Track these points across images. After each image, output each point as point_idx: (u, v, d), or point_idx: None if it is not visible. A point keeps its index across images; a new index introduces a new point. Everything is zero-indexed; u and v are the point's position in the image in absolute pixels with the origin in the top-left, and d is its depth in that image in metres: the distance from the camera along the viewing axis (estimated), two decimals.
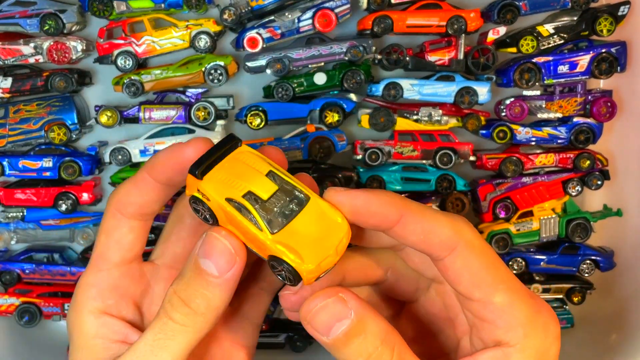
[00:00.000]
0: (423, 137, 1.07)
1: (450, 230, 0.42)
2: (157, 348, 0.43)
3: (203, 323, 0.44)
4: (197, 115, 1.04)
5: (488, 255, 0.43)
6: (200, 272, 0.43)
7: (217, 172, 0.43)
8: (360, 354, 0.41)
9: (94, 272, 0.49)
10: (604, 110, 1.05)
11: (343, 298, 0.42)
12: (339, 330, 0.41)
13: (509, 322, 0.42)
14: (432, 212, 0.43)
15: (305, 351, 1.06)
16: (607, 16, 1.01)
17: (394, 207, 0.42)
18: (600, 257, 1.07)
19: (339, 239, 0.42)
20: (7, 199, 1.05)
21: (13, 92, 1.03)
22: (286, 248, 0.41)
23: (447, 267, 0.43)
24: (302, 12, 1.01)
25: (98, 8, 1.00)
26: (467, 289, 0.43)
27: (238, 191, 0.42)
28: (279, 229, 0.42)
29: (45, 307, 1.07)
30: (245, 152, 0.44)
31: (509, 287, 0.43)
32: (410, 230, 0.42)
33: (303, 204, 0.43)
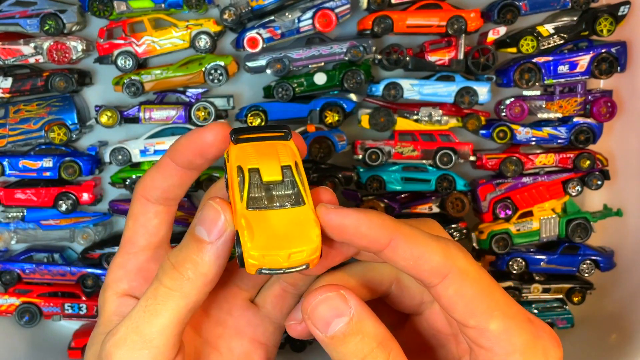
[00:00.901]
0: (423, 137, 1.07)
1: (441, 257, 0.41)
2: (149, 314, 0.44)
3: (190, 288, 0.44)
4: (197, 115, 1.04)
5: (482, 281, 0.42)
6: (193, 238, 0.44)
7: (249, 145, 0.44)
8: (356, 355, 0.41)
9: (122, 254, 0.51)
10: (604, 110, 1.05)
11: (344, 295, 0.41)
12: (337, 326, 0.41)
13: (505, 349, 0.41)
14: (424, 237, 0.42)
15: (305, 351, 1.06)
16: (607, 16, 1.01)
17: (384, 230, 0.41)
18: (600, 257, 1.07)
19: (300, 250, 0.41)
20: (7, 199, 1.05)
21: (13, 92, 1.03)
22: (247, 225, 0.41)
23: (439, 294, 0.42)
24: (302, 12, 1.01)
25: (98, 8, 1.00)
26: (462, 316, 0.42)
27: (249, 164, 0.43)
28: (254, 208, 0.42)
29: (45, 307, 1.07)
30: (285, 143, 0.45)
31: (505, 314, 0.42)
32: (400, 256, 0.41)
33: (293, 205, 0.43)
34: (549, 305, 1.09)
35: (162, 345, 0.44)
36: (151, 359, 0.44)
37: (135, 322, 0.44)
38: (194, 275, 0.44)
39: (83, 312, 1.07)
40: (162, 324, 0.44)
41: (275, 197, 0.43)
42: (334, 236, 0.43)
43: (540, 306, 1.08)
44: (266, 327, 0.55)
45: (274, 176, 0.43)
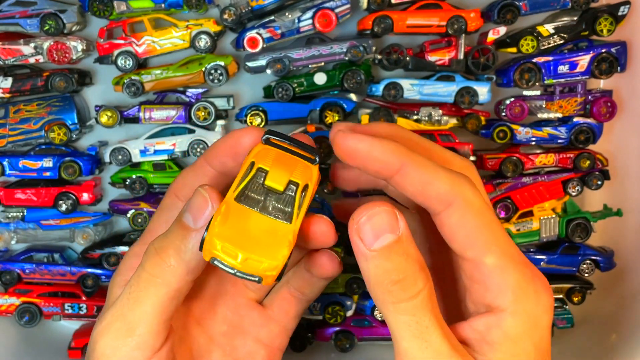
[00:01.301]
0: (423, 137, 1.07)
1: (448, 185, 0.42)
2: (132, 301, 0.44)
3: (172, 275, 0.43)
4: (197, 115, 1.04)
5: (485, 215, 0.43)
6: (180, 224, 0.44)
7: (274, 150, 0.44)
8: (398, 272, 0.40)
9: (140, 244, 0.51)
10: (604, 110, 1.05)
11: (395, 213, 0.41)
12: (385, 241, 0.41)
13: (498, 284, 0.42)
14: (434, 166, 0.43)
15: (305, 351, 1.06)
16: (607, 16, 1.01)
17: (396, 155, 0.42)
18: (601, 257, 1.07)
19: (258, 260, 0.40)
20: (7, 199, 1.05)
21: (13, 92, 1.03)
22: (224, 212, 0.41)
23: (442, 222, 0.43)
24: (302, 12, 1.01)
25: (98, 8, 1.00)
26: (461, 247, 0.43)
27: (262, 164, 0.43)
28: (242, 202, 0.42)
29: (45, 307, 1.07)
30: (308, 165, 0.45)
31: (503, 251, 0.42)
32: (409, 181, 0.42)
33: (279, 218, 0.42)
34: None
35: (145, 333, 0.44)
36: (135, 347, 0.44)
37: (120, 310, 0.44)
38: (176, 262, 0.43)
39: (83, 312, 1.07)
40: (144, 311, 0.44)
41: (269, 204, 0.42)
42: (348, 161, 0.43)
43: None
44: (271, 328, 0.54)
45: (277, 184, 0.43)
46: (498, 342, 0.42)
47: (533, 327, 0.42)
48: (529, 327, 0.42)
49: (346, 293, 1.05)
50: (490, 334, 0.42)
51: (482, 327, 0.43)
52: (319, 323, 1.07)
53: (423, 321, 0.41)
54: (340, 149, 0.44)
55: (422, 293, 0.41)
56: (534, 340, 0.42)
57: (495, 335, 0.42)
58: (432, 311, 0.41)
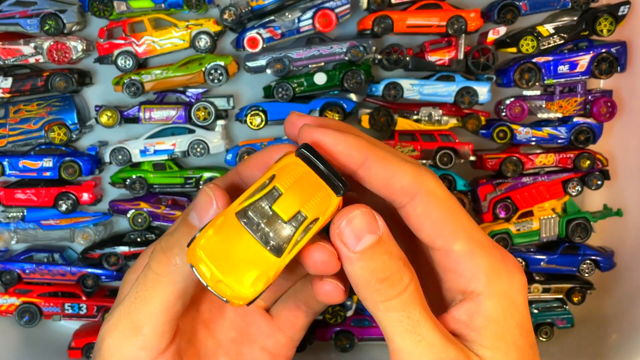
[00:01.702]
0: (423, 137, 1.07)
1: (411, 178, 0.43)
2: (139, 300, 0.44)
3: (178, 274, 0.44)
4: (197, 115, 1.04)
5: (449, 204, 0.44)
6: (185, 223, 0.44)
7: (303, 167, 0.43)
8: (383, 270, 0.41)
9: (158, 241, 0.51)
10: (604, 110, 1.05)
11: (373, 213, 0.42)
12: (367, 242, 0.41)
13: (470, 269, 0.43)
14: (396, 159, 0.43)
15: (305, 351, 1.06)
16: (607, 16, 1.01)
17: (359, 150, 0.43)
18: (600, 257, 1.07)
19: (228, 286, 0.40)
20: (7, 199, 1.05)
21: (13, 92, 1.03)
22: (219, 226, 0.40)
23: (408, 214, 0.43)
24: (302, 12, 1.01)
25: (98, 8, 1.00)
26: (429, 237, 0.43)
27: (281, 182, 0.42)
28: (239, 220, 0.41)
29: (45, 307, 1.07)
30: (331, 195, 0.43)
31: (470, 236, 0.43)
32: (373, 175, 0.43)
33: (270, 249, 0.41)
34: (549, 305, 1.09)
35: (151, 333, 0.44)
36: (141, 346, 0.44)
37: (127, 309, 0.44)
38: (182, 261, 0.43)
39: (83, 312, 1.07)
40: (150, 311, 0.44)
41: (267, 230, 0.41)
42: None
43: (540, 306, 1.08)
44: (278, 338, 0.54)
45: (283, 212, 0.41)
46: (483, 327, 0.42)
47: (511, 306, 0.43)
48: (506, 306, 0.43)
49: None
50: (474, 320, 0.43)
51: (464, 315, 0.43)
52: (319, 323, 1.07)
53: (414, 315, 0.41)
54: (308, 140, 0.44)
55: (409, 288, 0.41)
56: (516, 319, 0.43)
57: (479, 321, 0.42)
58: (421, 304, 0.42)
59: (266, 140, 1.04)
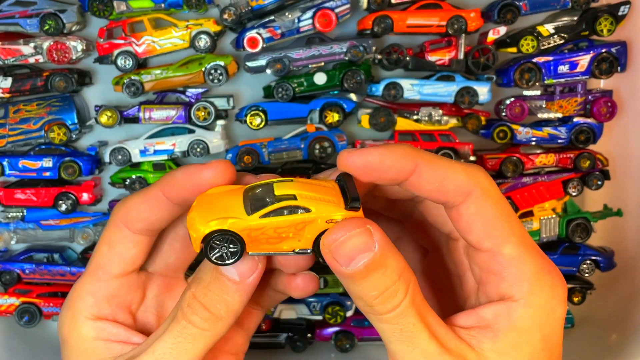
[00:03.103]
0: (423, 137, 1.07)
1: (465, 176, 0.42)
2: (177, 351, 0.44)
3: (222, 326, 0.44)
4: (197, 115, 1.04)
5: (503, 204, 0.43)
6: (221, 277, 0.43)
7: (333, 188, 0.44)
8: (377, 288, 0.41)
9: (92, 281, 0.48)
10: (604, 110, 1.05)
11: (370, 230, 0.41)
12: (360, 262, 0.40)
13: (515, 275, 0.41)
14: (447, 160, 0.43)
15: (305, 351, 1.06)
16: (607, 16, 1.01)
17: (408, 158, 0.42)
18: (601, 257, 1.06)
19: (197, 225, 0.42)
20: (7, 199, 1.05)
21: (13, 92, 1.02)
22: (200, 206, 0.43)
23: (460, 213, 0.42)
24: (302, 12, 1.01)
25: (98, 8, 1.00)
26: (478, 237, 0.42)
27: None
28: (244, 193, 0.43)
29: (45, 307, 1.07)
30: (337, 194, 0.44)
31: (520, 241, 0.42)
32: (425, 179, 0.42)
33: (248, 207, 0.43)
34: None
35: None
36: None
37: (162, 357, 0.44)
38: (226, 314, 0.44)
39: None
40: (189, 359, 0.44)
41: (255, 197, 0.43)
42: (362, 176, 0.43)
43: None
44: (236, 340, 0.54)
45: (279, 189, 0.42)
46: (503, 331, 0.42)
47: (546, 319, 0.42)
48: (541, 318, 0.42)
49: (346, 293, 1.05)
50: (497, 321, 0.42)
51: (489, 314, 0.42)
52: (319, 323, 1.07)
53: (407, 327, 0.41)
54: (352, 167, 0.43)
55: (403, 302, 0.41)
56: (544, 333, 0.42)
57: (502, 324, 0.42)
58: (416, 315, 0.41)
59: (266, 140, 1.04)
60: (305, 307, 1.05)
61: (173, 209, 0.46)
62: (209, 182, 0.44)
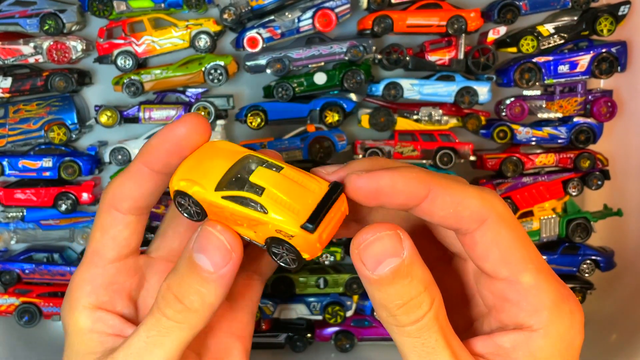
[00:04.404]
0: (423, 137, 1.07)
1: (480, 202, 0.40)
2: (151, 345, 0.43)
3: (197, 320, 0.43)
4: None
5: (519, 231, 0.41)
6: (195, 268, 0.42)
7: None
8: (402, 296, 0.39)
9: (88, 268, 0.48)
10: (604, 110, 1.05)
11: (399, 235, 0.39)
12: (387, 267, 0.39)
13: (534, 304, 0.40)
14: (460, 185, 0.41)
15: (306, 351, 1.06)
16: (607, 16, 1.01)
17: (421, 182, 0.40)
18: (601, 257, 1.06)
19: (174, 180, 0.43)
20: (7, 199, 1.05)
21: (13, 92, 1.02)
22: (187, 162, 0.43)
23: (475, 241, 0.40)
24: (302, 12, 1.01)
25: (98, 8, 1.00)
26: (494, 266, 0.41)
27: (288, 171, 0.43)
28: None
29: (45, 307, 1.07)
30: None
31: (538, 268, 0.40)
32: (439, 205, 0.40)
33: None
34: None
35: None
36: None
37: (137, 352, 0.43)
38: (200, 307, 0.42)
39: None
40: (164, 354, 0.43)
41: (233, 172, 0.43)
42: (369, 202, 0.41)
43: None
44: (240, 319, 0.53)
45: (257, 177, 0.42)
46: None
47: (565, 348, 0.41)
48: (560, 348, 0.41)
49: (346, 293, 1.05)
50: (516, 351, 0.41)
51: (507, 343, 0.41)
52: (319, 323, 1.07)
53: (429, 342, 0.39)
54: (360, 192, 0.41)
55: (427, 315, 0.39)
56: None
57: (521, 354, 0.40)
58: (439, 331, 0.40)
59: (266, 140, 1.04)
60: (305, 307, 1.05)
61: (157, 178, 0.46)
62: (185, 139, 0.43)
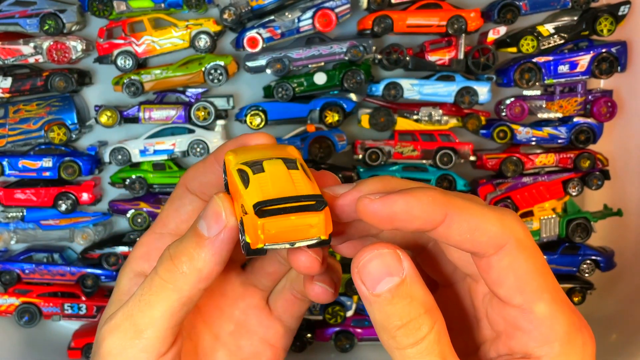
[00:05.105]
0: (423, 137, 1.07)
1: (499, 227, 0.39)
2: (143, 304, 0.44)
3: (184, 283, 0.43)
4: (197, 115, 1.04)
5: (537, 258, 0.40)
6: (194, 232, 0.44)
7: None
8: (401, 317, 0.38)
9: (150, 233, 0.52)
10: (604, 110, 1.05)
11: (399, 255, 0.39)
12: (386, 285, 0.38)
13: (546, 335, 0.39)
14: (479, 207, 0.39)
15: (305, 351, 1.06)
16: (607, 16, 1.01)
17: (438, 206, 0.38)
18: (601, 257, 1.06)
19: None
20: (7, 199, 1.05)
21: (13, 92, 1.02)
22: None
23: (491, 266, 0.39)
24: (302, 12, 1.01)
25: (98, 8, 1.00)
26: (509, 292, 0.39)
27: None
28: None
29: (45, 307, 1.07)
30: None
31: (553, 298, 0.40)
32: (456, 230, 0.39)
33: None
34: None
35: (153, 337, 0.44)
36: (141, 349, 0.44)
37: (130, 311, 0.44)
38: (188, 270, 0.43)
39: (83, 312, 1.07)
40: (154, 315, 0.43)
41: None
42: (383, 227, 0.40)
43: None
44: (277, 329, 0.54)
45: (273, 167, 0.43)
46: None
47: None
48: None
49: (346, 293, 1.05)
50: None
51: None
52: (319, 323, 1.07)
53: None
54: (375, 218, 0.39)
55: (427, 338, 0.38)
56: None
57: None
58: (440, 355, 0.39)
59: None
60: None
61: (221, 173, 0.49)
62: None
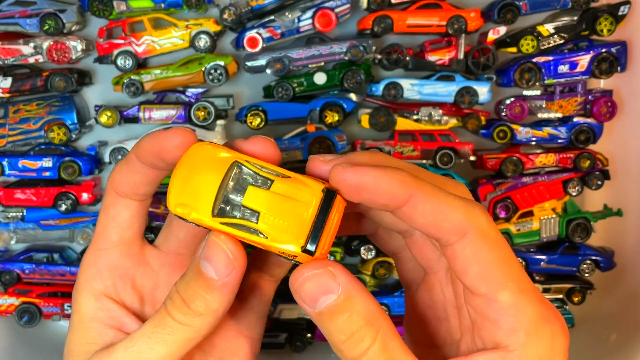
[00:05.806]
0: (423, 137, 1.07)
1: (462, 215, 0.39)
2: (154, 341, 0.43)
3: (201, 323, 0.43)
4: (197, 115, 1.04)
5: (501, 248, 0.40)
6: (200, 274, 0.43)
7: (313, 198, 0.41)
8: (343, 332, 0.39)
9: (93, 251, 0.49)
10: (604, 110, 1.05)
11: (332, 272, 0.39)
12: (324, 304, 0.39)
13: (511, 324, 0.39)
14: (445, 194, 0.40)
15: (305, 351, 1.06)
16: (607, 16, 1.01)
17: (404, 185, 0.39)
18: (601, 257, 1.06)
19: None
20: (6, 199, 1.05)
21: (13, 92, 1.02)
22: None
23: (455, 254, 0.40)
24: (302, 12, 1.01)
25: (98, 8, 1.00)
26: (474, 281, 0.40)
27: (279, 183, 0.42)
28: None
29: (45, 307, 1.07)
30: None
31: (519, 287, 0.40)
32: (420, 212, 0.39)
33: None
34: None
35: None
36: None
37: (138, 347, 0.43)
38: (205, 312, 0.43)
39: None
40: (165, 351, 0.43)
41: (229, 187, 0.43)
42: (352, 197, 0.41)
43: None
44: (249, 319, 0.53)
45: (249, 198, 0.41)
46: None
47: None
48: None
49: None
50: None
51: None
52: None
53: None
54: (344, 185, 0.40)
55: (371, 349, 0.39)
56: None
57: None
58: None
59: None
60: None
61: (148, 171, 0.47)
62: (169, 149, 0.44)
